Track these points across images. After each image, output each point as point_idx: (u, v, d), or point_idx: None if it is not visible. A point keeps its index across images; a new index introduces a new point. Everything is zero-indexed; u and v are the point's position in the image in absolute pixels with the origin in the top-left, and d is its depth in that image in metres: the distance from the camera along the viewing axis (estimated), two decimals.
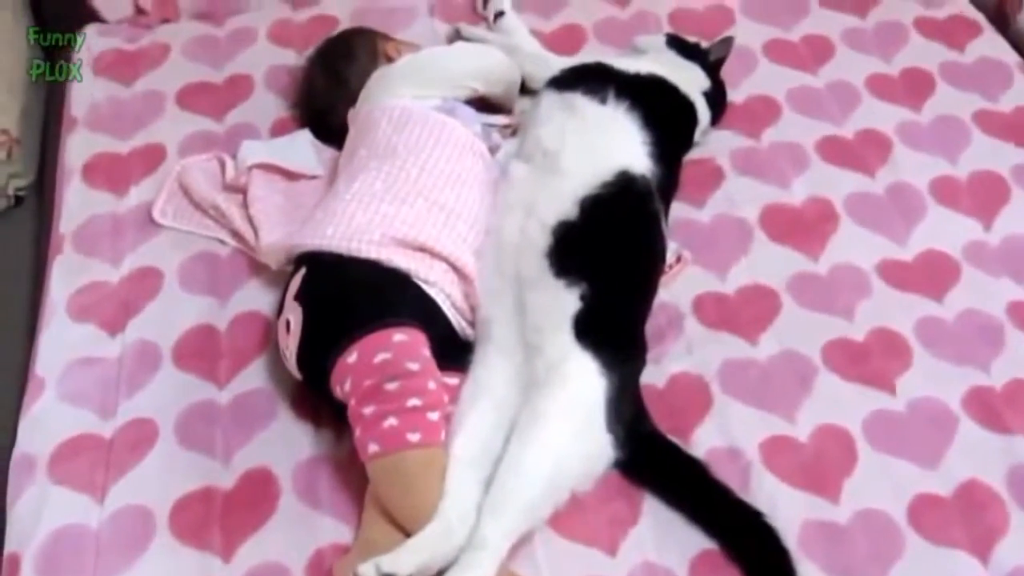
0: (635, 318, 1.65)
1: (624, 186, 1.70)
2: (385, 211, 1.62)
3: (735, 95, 2.09)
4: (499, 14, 2.19)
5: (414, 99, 1.78)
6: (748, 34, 2.20)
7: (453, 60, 1.91)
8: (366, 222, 1.60)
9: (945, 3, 2.33)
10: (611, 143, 1.77)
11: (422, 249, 1.60)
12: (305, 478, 1.54)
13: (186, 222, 1.85)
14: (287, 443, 1.58)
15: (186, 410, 1.62)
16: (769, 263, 1.84)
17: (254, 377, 1.66)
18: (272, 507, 1.51)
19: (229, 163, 1.88)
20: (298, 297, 1.56)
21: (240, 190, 1.84)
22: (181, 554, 1.46)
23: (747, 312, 1.77)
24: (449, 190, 1.68)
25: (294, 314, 1.54)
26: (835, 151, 2.01)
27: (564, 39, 2.21)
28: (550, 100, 1.87)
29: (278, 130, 2.01)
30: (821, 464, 1.58)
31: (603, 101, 1.82)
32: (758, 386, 1.68)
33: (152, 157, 1.96)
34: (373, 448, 1.41)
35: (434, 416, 1.44)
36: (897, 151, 2.02)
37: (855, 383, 1.67)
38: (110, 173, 1.94)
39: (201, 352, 1.69)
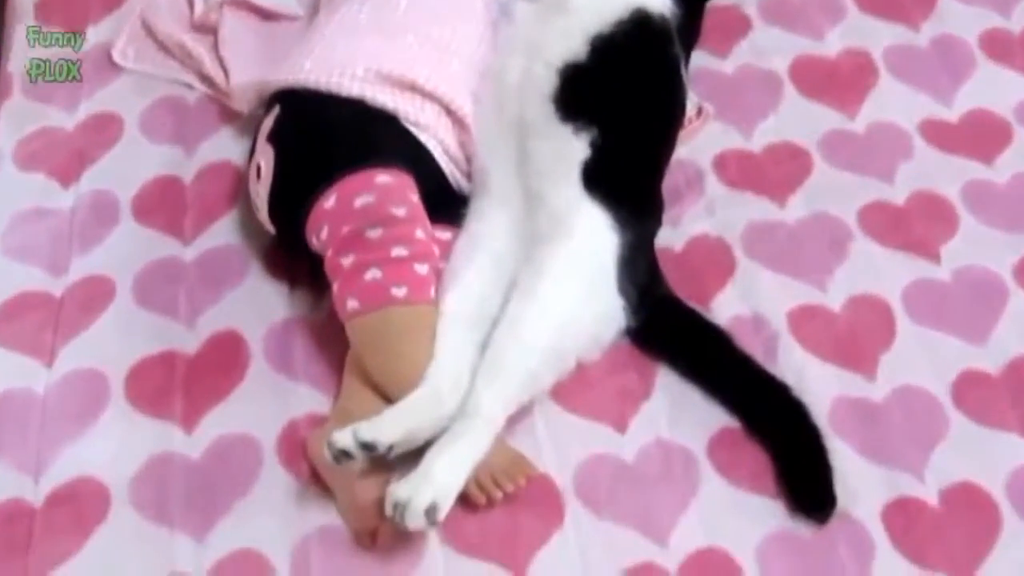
0: (651, 170, 1.46)
1: (640, 25, 1.49)
2: (371, 45, 1.42)
3: None
4: None
5: None
6: None
7: None
8: (349, 55, 1.41)
9: None
10: None
11: (412, 88, 1.41)
12: (278, 342, 1.38)
13: (149, 64, 1.65)
14: (258, 304, 1.42)
15: (146, 268, 1.45)
16: (800, 120, 1.65)
17: (223, 233, 1.49)
18: (241, 374, 1.35)
19: (198, 0, 1.68)
20: (271, 138, 1.37)
21: (210, 30, 1.64)
22: (137, 423, 1.30)
23: (774, 172, 1.60)
24: (443, 25, 1.48)
25: (266, 157, 1.36)
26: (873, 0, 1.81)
27: None
28: None
29: None
30: (855, 337, 1.41)
31: None
32: (786, 251, 1.51)
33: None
34: (353, 304, 1.25)
35: (422, 269, 1.27)
36: (943, 1, 1.81)
37: (894, 250, 1.50)
38: (66, 12, 1.74)
39: (164, 205, 1.51)
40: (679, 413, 1.34)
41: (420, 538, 1.21)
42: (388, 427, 1.17)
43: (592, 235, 1.34)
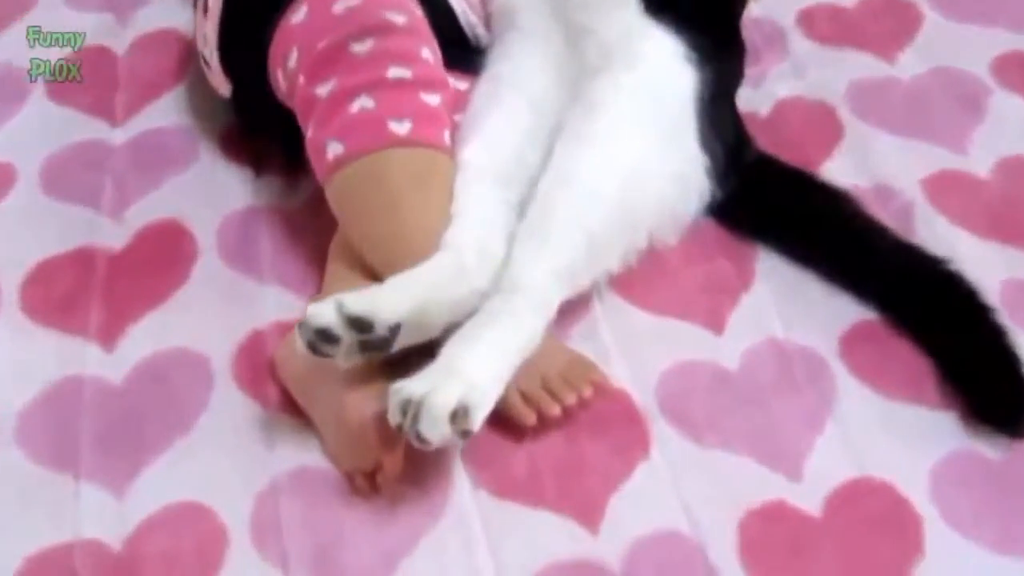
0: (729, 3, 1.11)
1: None
2: None
3: None
4: None
5: None
6: None
7: None
8: None
9: None
10: None
11: None
12: (235, 235, 1.02)
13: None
14: (209, 191, 1.05)
15: (61, 151, 1.09)
16: None
17: (166, 111, 1.13)
18: (183, 273, 0.98)
19: None
20: None
21: None
22: (34, 337, 0.93)
23: (875, 27, 1.26)
24: None
25: None
26: None
27: None
28: None
29: None
30: (1014, 207, 1.05)
31: None
32: (907, 111, 1.15)
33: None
34: (335, 150, 0.87)
35: (432, 99, 0.90)
36: None
37: None
38: None
39: (90, 80, 1.16)
40: (792, 306, 0.97)
41: (442, 476, 0.83)
42: (390, 299, 0.79)
43: (662, 65, 0.97)
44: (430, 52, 0.92)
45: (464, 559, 0.80)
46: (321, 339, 0.77)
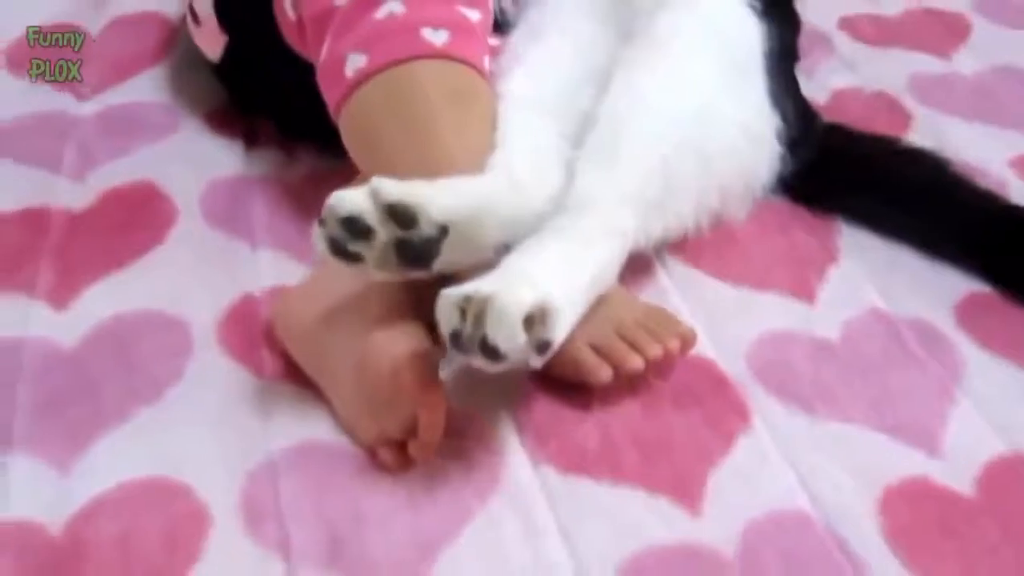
0: None
1: None
2: None
3: None
4: None
5: None
6: None
7: None
8: None
9: None
10: None
11: None
12: (223, 200, 0.84)
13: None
14: (191, 159, 0.88)
15: (17, 120, 0.92)
16: None
17: (141, 89, 0.97)
18: (158, 235, 0.80)
19: None
20: None
21: None
22: None
23: (921, 31, 1.16)
24: None
25: None
26: None
27: None
28: None
29: None
30: None
31: None
32: (975, 100, 1.04)
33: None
34: (356, 63, 0.71)
35: (473, 15, 0.76)
36: None
37: None
38: None
39: (54, 55, 1.00)
40: (891, 279, 0.82)
41: (493, 447, 0.64)
42: (439, 195, 0.62)
43: (726, 5, 0.85)
44: None
45: (528, 549, 0.60)
46: (350, 232, 0.59)
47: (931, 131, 1.00)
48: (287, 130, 0.93)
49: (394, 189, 0.60)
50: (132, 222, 0.81)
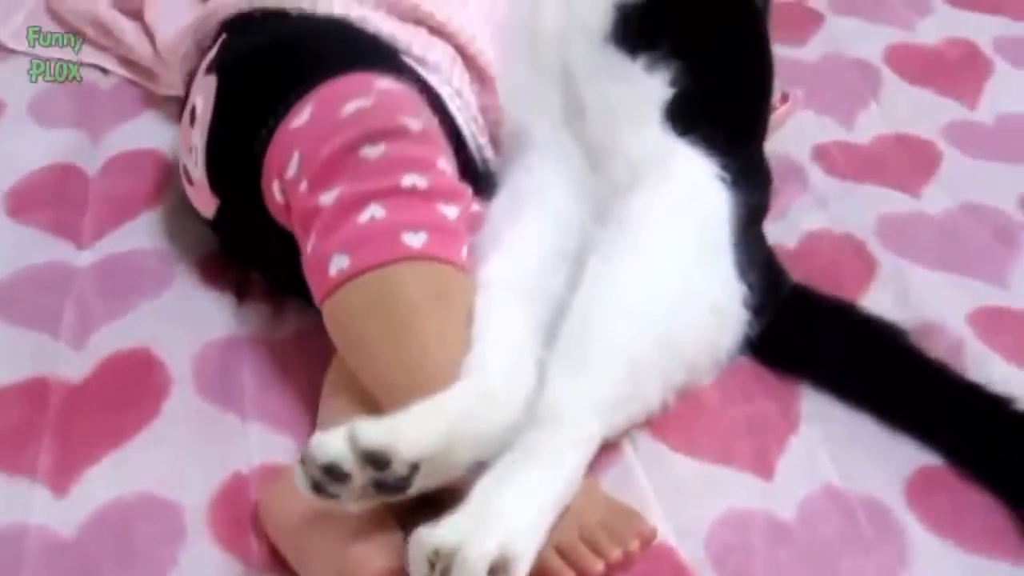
0: (753, 114, 1.04)
1: None
2: None
3: None
4: None
5: None
6: None
7: None
8: None
9: None
10: None
11: (415, 18, 1.00)
12: (214, 366, 0.89)
13: (53, 47, 1.23)
14: (185, 319, 0.93)
15: (19, 273, 0.97)
16: (910, 109, 1.28)
17: (138, 235, 1.02)
18: (152, 408, 0.85)
19: None
20: (212, 66, 0.94)
21: (135, 11, 1.23)
22: None
23: (893, 162, 1.21)
24: None
25: (204, 91, 0.91)
26: None
27: None
28: None
29: None
30: None
31: None
32: (940, 245, 1.09)
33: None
34: (340, 264, 0.77)
35: (451, 211, 0.81)
36: None
37: None
38: None
39: (55, 199, 1.05)
40: (847, 451, 0.86)
41: None
42: (411, 429, 0.67)
43: (697, 182, 0.89)
44: (447, 162, 0.83)
45: None
46: (329, 477, 0.64)
47: (895, 279, 1.04)
48: (276, 284, 0.98)
49: (371, 434, 0.64)
50: (128, 395, 0.85)
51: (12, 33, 1.24)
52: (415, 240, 0.77)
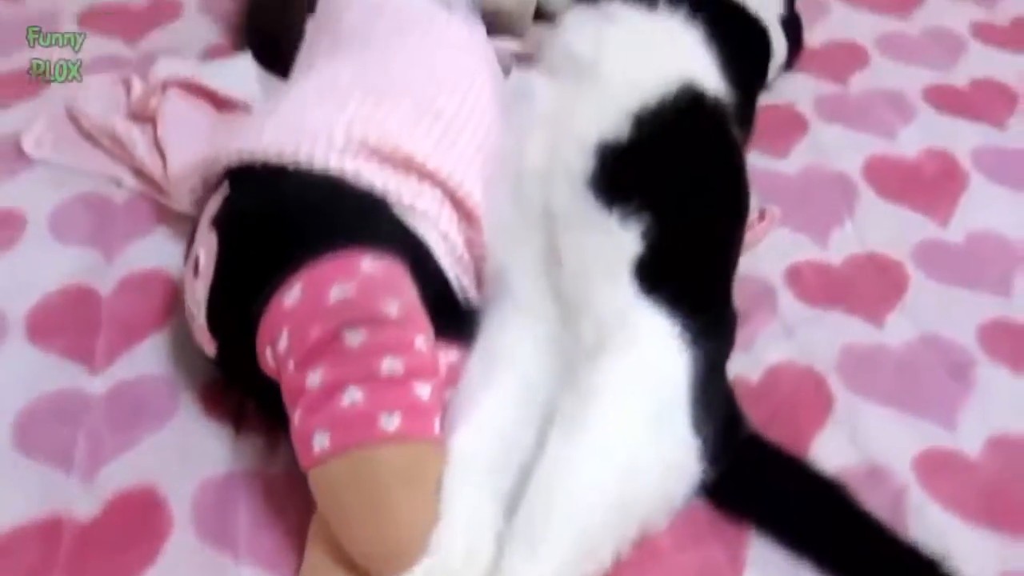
0: (720, 269, 1.11)
1: (692, 101, 1.19)
2: (355, 109, 1.08)
3: (808, 39, 1.61)
4: None
5: None
6: None
7: None
8: (325, 121, 1.06)
9: None
10: (668, 49, 1.26)
11: (407, 166, 1.07)
12: (212, 505, 0.98)
13: (69, 154, 1.30)
14: (188, 453, 1.02)
15: (36, 402, 1.06)
16: (883, 227, 1.34)
17: (147, 360, 1.10)
18: (155, 548, 0.93)
19: (137, 83, 1.35)
20: (215, 221, 1.02)
21: (149, 116, 1.31)
22: None
23: (863, 286, 1.26)
24: (447, 94, 1.15)
25: (207, 245, 1.00)
26: (947, 100, 1.53)
27: None
28: (579, 11, 1.38)
29: (211, 58, 1.50)
30: (1005, 492, 1.04)
31: (652, 6, 1.33)
32: (895, 381, 1.15)
33: (35, 81, 1.44)
34: (322, 443, 0.85)
35: (423, 391, 0.88)
36: None
37: None
38: None
39: (70, 323, 1.13)
40: None
41: None
42: None
43: (656, 348, 0.97)
44: (423, 339, 0.91)
45: None
46: None
47: (849, 418, 1.11)
48: (270, 415, 1.06)
49: None
50: (133, 535, 0.94)
51: (35, 142, 1.32)
52: (390, 423, 0.86)
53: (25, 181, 1.28)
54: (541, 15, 1.54)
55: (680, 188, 1.11)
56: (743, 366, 1.14)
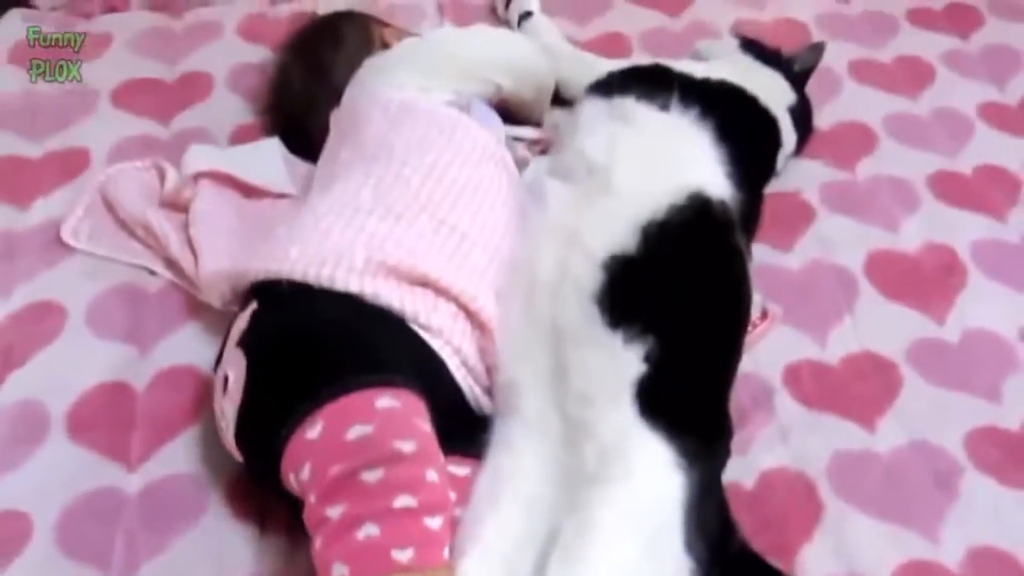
0: (719, 387, 1.17)
1: (699, 212, 1.25)
2: (374, 229, 1.16)
3: (817, 120, 1.66)
4: (525, 15, 1.77)
5: (421, 91, 1.34)
6: (828, 53, 1.77)
7: (471, 45, 1.47)
8: (346, 242, 1.14)
9: None
10: (678, 156, 1.32)
11: (424, 283, 1.14)
12: None
13: (106, 245, 1.38)
14: (217, 555, 1.09)
15: (77, 501, 1.13)
16: (881, 325, 1.39)
17: (178, 457, 1.18)
18: None
19: (171, 172, 1.42)
20: (243, 343, 1.09)
21: (182, 207, 1.38)
22: None
23: (858, 388, 1.32)
24: (463, 207, 1.22)
25: (235, 366, 1.07)
26: (951, 189, 1.58)
27: (604, 48, 1.77)
28: (594, 107, 1.43)
29: (239, 138, 1.56)
30: None
31: (664, 107, 1.38)
32: (883, 489, 1.21)
33: (71, 163, 1.50)
34: (340, 571, 0.93)
35: (434, 523, 0.95)
36: None
37: (1018, 488, 1.21)
38: (13, 181, 1.48)
39: (107, 419, 1.21)
40: None
41: None
42: None
43: (653, 477, 1.04)
44: (436, 473, 0.98)
45: None
46: None
47: (837, 527, 1.17)
48: (296, 513, 1.13)
49: None
50: None
51: (72, 232, 1.38)
52: (403, 556, 0.93)
53: (63, 271, 1.36)
54: (558, 99, 1.60)
55: (684, 310, 1.17)
56: (738, 472, 1.20)
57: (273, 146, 1.51)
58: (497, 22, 1.83)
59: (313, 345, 1.05)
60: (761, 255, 1.44)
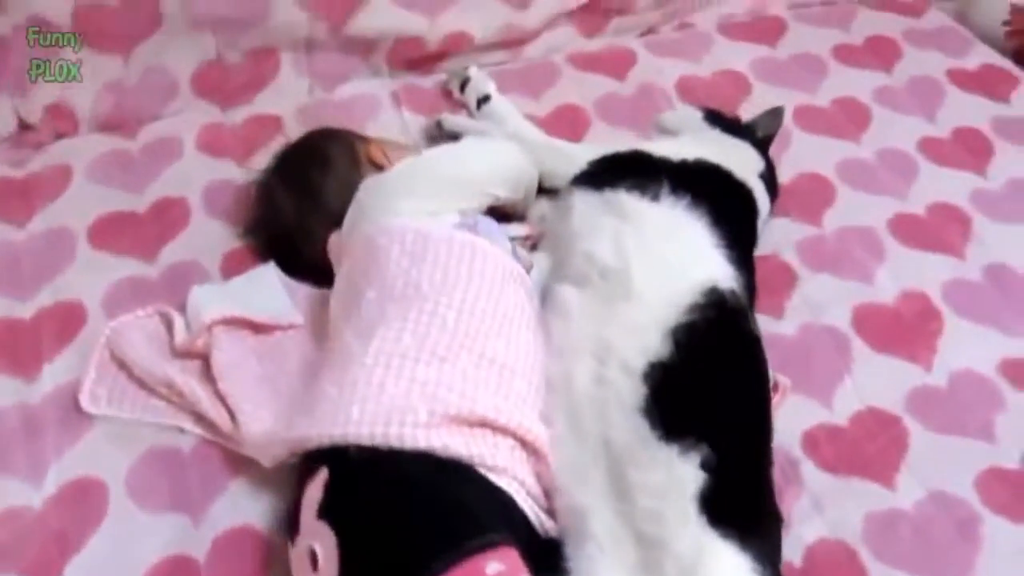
0: (766, 479, 1.25)
1: (717, 307, 1.31)
2: (425, 376, 1.18)
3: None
4: (483, 99, 1.80)
5: (429, 216, 1.36)
6: (769, 101, 1.86)
7: (467, 163, 1.49)
8: (403, 395, 1.16)
9: (969, 53, 2.08)
10: (685, 251, 1.39)
11: (483, 424, 1.17)
12: None
13: (129, 407, 1.34)
14: None
15: None
16: (877, 379, 1.48)
17: None
18: None
19: (177, 320, 1.40)
20: (324, 514, 1.10)
21: (197, 355, 1.37)
22: None
23: (870, 447, 1.41)
24: (495, 336, 1.25)
25: (322, 541, 1.08)
26: (911, 232, 1.69)
27: (563, 122, 1.83)
28: (586, 202, 1.48)
29: (231, 265, 1.54)
30: None
31: (655, 198, 1.44)
32: (915, 547, 1.30)
33: (67, 320, 1.45)
34: None
35: None
36: (979, 226, 1.71)
37: None
38: (12, 349, 1.42)
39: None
40: None
41: None
42: None
43: None
44: None
45: None
46: None
47: None
48: None
49: None
50: None
51: (90, 398, 1.34)
52: None
53: (91, 443, 1.32)
54: (540, 189, 1.63)
55: (726, 410, 1.24)
56: (786, 549, 1.27)
57: (270, 272, 1.50)
58: (454, 107, 1.85)
59: (406, 515, 1.07)
60: (759, 325, 1.52)
